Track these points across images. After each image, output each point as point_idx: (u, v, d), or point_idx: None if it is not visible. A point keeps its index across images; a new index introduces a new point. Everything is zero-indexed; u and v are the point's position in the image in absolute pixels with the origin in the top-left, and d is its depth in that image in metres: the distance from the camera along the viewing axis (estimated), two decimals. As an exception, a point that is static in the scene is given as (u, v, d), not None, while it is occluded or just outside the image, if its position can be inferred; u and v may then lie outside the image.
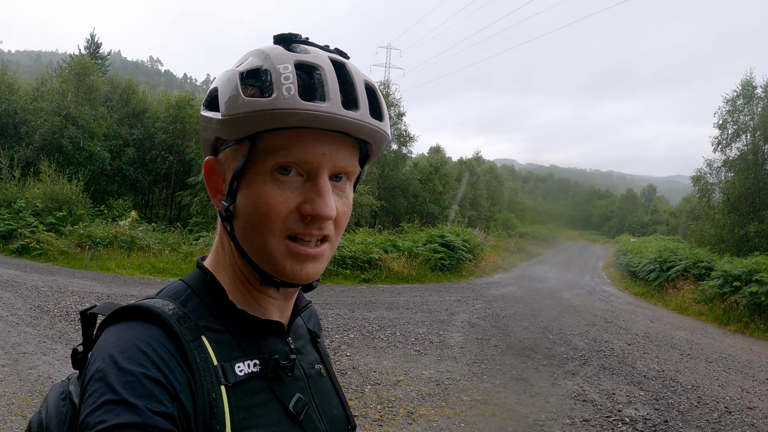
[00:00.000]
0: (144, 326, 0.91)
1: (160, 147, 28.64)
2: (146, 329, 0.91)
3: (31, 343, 8.01)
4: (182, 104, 28.26)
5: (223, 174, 1.01)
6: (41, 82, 28.18)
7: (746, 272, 16.19)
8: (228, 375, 0.93)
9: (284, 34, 1.00)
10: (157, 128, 28.41)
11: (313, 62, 0.95)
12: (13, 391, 6.24)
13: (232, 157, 0.98)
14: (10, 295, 10.80)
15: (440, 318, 12.16)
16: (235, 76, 0.95)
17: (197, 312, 0.99)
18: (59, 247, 16.79)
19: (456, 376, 8.14)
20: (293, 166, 0.95)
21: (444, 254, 20.65)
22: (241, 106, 0.92)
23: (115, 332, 0.91)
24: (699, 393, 8.36)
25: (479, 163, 61.79)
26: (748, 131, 28.78)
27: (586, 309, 15.44)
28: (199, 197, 24.36)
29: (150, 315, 0.93)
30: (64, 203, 20.05)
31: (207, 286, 1.04)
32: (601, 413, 7.13)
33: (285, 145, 0.93)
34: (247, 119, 0.92)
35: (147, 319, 0.93)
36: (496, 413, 6.81)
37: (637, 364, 9.73)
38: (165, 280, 14.76)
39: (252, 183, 0.96)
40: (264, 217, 0.95)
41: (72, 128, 24.69)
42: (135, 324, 0.92)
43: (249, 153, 0.95)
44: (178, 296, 1.02)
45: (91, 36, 40.81)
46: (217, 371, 0.92)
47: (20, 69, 54.90)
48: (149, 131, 28.49)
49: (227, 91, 0.95)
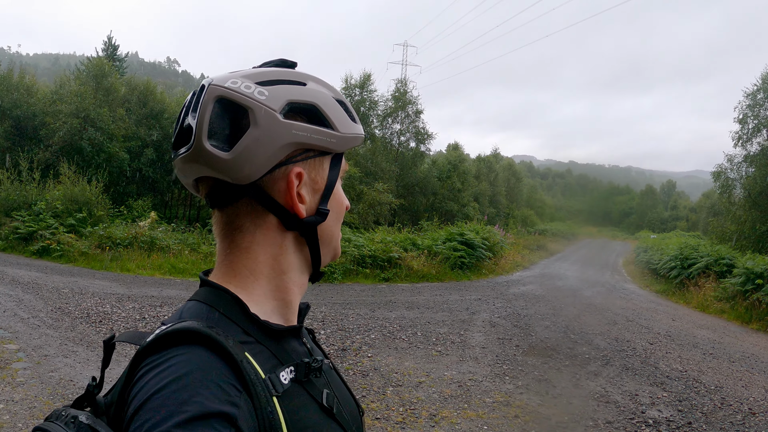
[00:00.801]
0: (194, 350, 0.87)
1: (179, 148, 28.68)
2: (198, 353, 0.87)
3: (52, 346, 8.06)
4: (201, 104, 28.37)
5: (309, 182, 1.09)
6: (59, 85, 28.36)
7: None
8: (276, 385, 0.93)
9: (288, 60, 1.16)
10: (176, 129, 28.54)
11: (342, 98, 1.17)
12: (35, 395, 6.26)
13: (319, 166, 1.09)
14: (31, 297, 10.91)
15: (461, 317, 12.10)
16: (331, 98, 1.11)
17: (228, 328, 0.96)
18: (79, 249, 16.92)
19: (478, 377, 8.09)
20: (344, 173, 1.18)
21: (464, 252, 20.55)
22: (351, 128, 1.12)
23: (162, 359, 0.86)
24: (722, 394, 8.25)
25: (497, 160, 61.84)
26: (769, 125, 28.49)
27: (607, 307, 15.32)
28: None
29: (198, 337, 0.89)
30: (84, 205, 20.19)
31: (227, 301, 1.02)
32: (624, 415, 7.05)
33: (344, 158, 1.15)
34: (356, 139, 1.13)
35: (195, 341, 0.89)
36: (519, 415, 6.75)
37: (660, 364, 9.63)
38: (185, 281, 14.85)
39: (338, 187, 1.14)
40: (341, 215, 1.17)
41: (91, 130, 24.87)
42: (184, 348, 0.88)
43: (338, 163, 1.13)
44: (204, 316, 0.98)
45: (109, 38, 41.01)
46: (266, 384, 0.91)
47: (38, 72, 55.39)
48: (168, 132, 28.63)
49: (335, 111, 1.09)
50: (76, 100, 25.37)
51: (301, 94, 1.05)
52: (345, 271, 17.25)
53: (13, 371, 6.93)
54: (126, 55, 45.01)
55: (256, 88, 1.01)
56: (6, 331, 8.58)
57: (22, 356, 7.48)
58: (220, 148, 0.98)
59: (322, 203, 1.08)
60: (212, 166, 1.00)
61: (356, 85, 35.79)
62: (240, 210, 1.05)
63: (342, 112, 1.10)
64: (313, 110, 1.06)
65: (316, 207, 1.08)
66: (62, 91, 27.24)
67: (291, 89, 1.05)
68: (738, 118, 29.69)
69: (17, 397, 6.13)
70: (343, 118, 1.10)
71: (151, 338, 0.90)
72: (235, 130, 0.99)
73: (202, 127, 0.98)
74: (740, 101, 29.86)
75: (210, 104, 0.99)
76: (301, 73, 1.12)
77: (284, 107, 1.02)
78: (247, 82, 1.02)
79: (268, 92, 1.01)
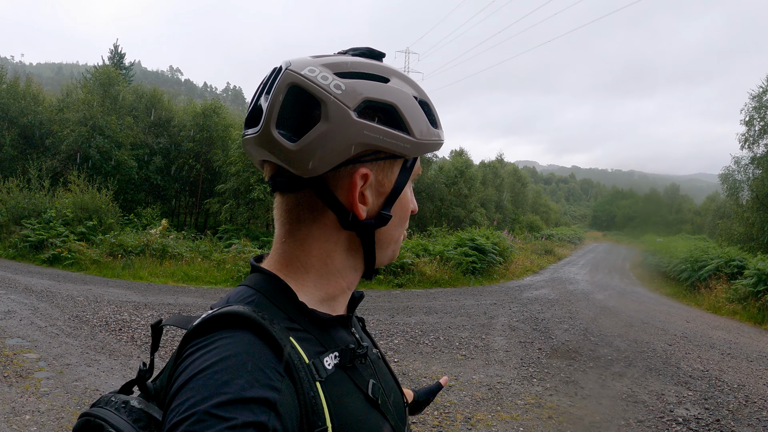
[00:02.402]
0: (238, 333, 0.88)
1: (186, 155, 28.88)
2: (241, 336, 0.87)
3: (73, 355, 7.99)
4: (208, 113, 28.48)
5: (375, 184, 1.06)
6: (66, 93, 28.59)
7: (780, 270, 16.02)
8: (320, 371, 0.94)
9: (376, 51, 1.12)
10: (183, 137, 28.64)
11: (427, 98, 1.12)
12: (61, 405, 6.18)
13: (388, 169, 1.06)
14: (46, 306, 10.87)
15: (480, 322, 12.08)
16: (413, 99, 1.05)
17: (274, 314, 0.97)
18: (91, 256, 16.95)
19: (506, 380, 8.07)
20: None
21: (475, 258, 20.53)
22: (430, 135, 1.07)
23: (206, 342, 0.87)
24: (745, 392, 8.26)
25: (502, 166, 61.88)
26: (776, 127, 28.50)
27: (621, 310, 15.30)
28: (228, 204, 24.50)
29: (242, 320, 0.90)
30: (94, 212, 20.27)
31: (276, 288, 1.02)
32: (654, 414, 7.05)
33: (417, 163, 1.12)
34: (432, 146, 1.08)
35: (239, 325, 0.89)
36: (552, 416, 6.73)
37: (681, 364, 9.61)
38: (199, 288, 14.83)
39: (405, 191, 1.10)
40: (405, 220, 1.13)
41: (99, 138, 24.94)
42: (228, 332, 0.88)
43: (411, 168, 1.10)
44: (251, 301, 0.99)
45: (115, 47, 41.24)
46: (310, 369, 0.92)
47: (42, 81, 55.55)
48: (175, 140, 28.74)
49: (415, 114, 1.05)
50: (84, 108, 25.53)
51: (381, 92, 1.01)
52: (358, 277, 17.23)
53: (36, 381, 6.84)
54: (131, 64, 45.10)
55: (333, 80, 0.98)
56: (24, 340, 8.50)
57: (44, 365, 7.40)
58: (287, 138, 0.96)
59: (385, 207, 1.06)
60: (277, 153, 0.99)
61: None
62: (301, 200, 1.04)
63: (422, 116, 1.05)
64: (391, 111, 1.01)
65: (378, 210, 1.05)
66: (69, 99, 27.46)
67: (370, 85, 1.01)
68: (744, 120, 29.73)
69: (43, 408, 6.05)
70: (422, 121, 1.05)
71: (198, 321, 0.92)
72: (305, 120, 0.97)
73: (272, 113, 0.97)
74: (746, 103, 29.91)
75: (283, 90, 0.97)
76: (386, 67, 1.07)
77: (360, 104, 0.98)
78: (325, 71, 0.98)
79: (345, 86, 0.98)
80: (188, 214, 31.97)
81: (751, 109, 29.62)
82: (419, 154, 1.07)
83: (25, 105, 26.18)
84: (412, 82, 1.09)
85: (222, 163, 26.35)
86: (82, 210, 20.15)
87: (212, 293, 14.15)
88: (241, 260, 17.16)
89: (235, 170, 24.67)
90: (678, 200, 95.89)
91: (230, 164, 25.36)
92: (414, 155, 1.06)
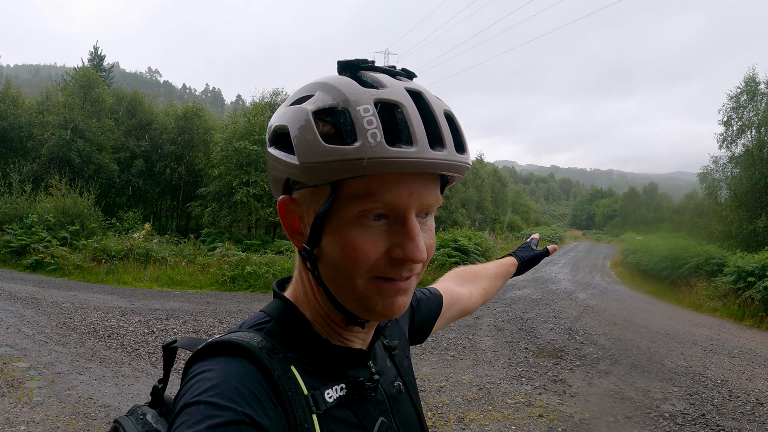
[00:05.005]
0: (234, 361, 0.90)
1: (168, 158, 28.72)
2: (237, 364, 0.89)
3: (64, 363, 7.91)
4: (190, 115, 28.35)
5: (301, 214, 0.97)
6: (46, 96, 28.19)
7: (759, 267, 16.23)
8: (318, 403, 0.93)
9: (349, 60, 0.96)
10: (165, 139, 28.47)
11: (393, 100, 0.88)
12: (55, 414, 6.10)
13: (311, 199, 0.94)
14: (33, 313, 10.77)
15: (466, 322, 12.13)
16: (307, 115, 0.89)
17: (283, 343, 0.98)
18: (74, 262, 16.82)
19: (496, 380, 8.15)
20: (380, 210, 0.90)
21: (458, 258, 20.59)
22: (323, 154, 0.86)
23: (205, 368, 0.89)
24: (729, 387, 8.42)
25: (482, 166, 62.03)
26: (753, 127, 28.88)
27: (604, 309, 15.45)
28: (210, 208, 24.38)
29: (240, 350, 0.91)
30: (76, 217, 20.10)
31: (290, 317, 1.03)
32: (641, 410, 7.17)
33: (370, 191, 0.88)
34: (330, 168, 0.86)
35: (237, 353, 0.91)
36: (543, 415, 6.82)
37: (665, 361, 9.76)
38: (185, 293, 14.78)
39: (338, 228, 0.91)
40: (353, 262, 0.91)
41: (80, 141, 24.73)
42: (225, 359, 0.91)
43: (332, 198, 0.90)
44: (262, 327, 1.00)
45: (95, 48, 40.65)
46: (308, 400, 0.92)
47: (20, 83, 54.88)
48: (156, 143, 28.56)
49: (301, 133, 0.89)
50: (64, 111, 25.25)
51: (282, 116, 0.96)
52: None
53: (28, 390, 6.73)
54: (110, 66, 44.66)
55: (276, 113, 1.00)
56: (13, 349, 8.38)
57: (35, 374, 7.31)
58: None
59: (309, 242, 0.95)
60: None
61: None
62: None
63: (312, 133, 0.87)
64: (285, 134, 0.93)
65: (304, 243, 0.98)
66: (49, 102, 27.08)
67: (282, 111, 0.97)
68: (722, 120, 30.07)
69: (38, 418, 5.97)
70: (312, 141, 0.87)
71: (201, 346, 0.94)
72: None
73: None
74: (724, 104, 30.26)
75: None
76: (319, 82, 0.95)
77: (272, 134, 0.99)
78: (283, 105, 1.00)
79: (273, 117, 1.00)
80: (170, 218, 31.79)
81: (729, 109, 29.98)
82: (316, 179, 0.89)
83: (4, 108, 25.90)
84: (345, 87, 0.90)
85: (204, 165, 26.25)
86: (64, 215, 19.97)
87: (198, 297, 14.11)
88: (225, 264, 17.12)
89: (217, 173, 24.57)
90: (656, 198, 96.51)
91: (212, 167, 25.26)
92: (308, 181, 0.91)
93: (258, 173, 23.94)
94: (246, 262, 17.14)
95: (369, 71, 0.95)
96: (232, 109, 46.14)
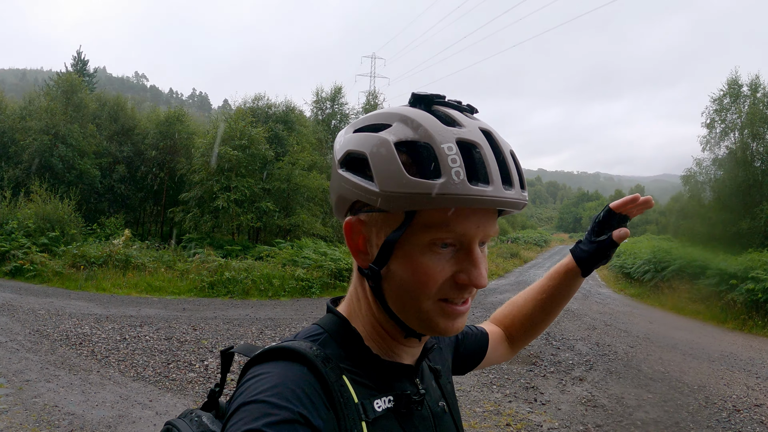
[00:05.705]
0: (291, 366, 0.94)
1: (150, 163, 28.62)
2: (294, 369, 0.94)
3: (33, 370, 7.86)
4: (172, 120, 28.24)
5: (368, 235, 1.01)
6: (29, 101, 28.10)
7: (741, 270, 16.27)
8: (368, 411, 0.97)
9: (424, 94, 1.02)
10: (147, 145, 28.37)
11: (472, 140, 0.94)
12: (20, 422, 6.08)
13: (383, 223, 0.98)
14: (7, 320, 10.71)
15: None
16: (389, 145, 0.93)
17: (336, 354, 1.02)
18: (53, 268, 16.71)
19: (466, 388, 8.12)
20: (450, 240, 0.96)
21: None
22: (406, 186, 0.90)
23: (263, 371, 0.93)
24: (706, 393, 8.40)
25: (468, 170, 62.16)
26: (736, 129, 28.98)
27: (585, 313, 15.46)
28: (192, 213, 24.29)
29: (297, 355, 0.96)
30: (57, 223, 20.00)
31: (343, 331, 1.07)
32: (613, 418, 7.13)
33: (444, 222, 0.93)
34: (412, 198, 0.91)
35: (293, 359, 0.96)
36: (510, 423, 6.77)
37: (642, 366, 9.76)
38: (162, 299, 14.71)
39: (409, 253, 0.96)
40: (422, 285, 0.96)
41: (61, 147, 24.62)
42: (282, 363, 0.95)
43: (406, 225, 0.95)
44: (316, 339, 1.05)
45: (78, 53, 40.60)
46: (358, 408, 0.96)
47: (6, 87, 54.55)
48: (139, 148, 28.47)
49: (384, 163, 0.93)
50: (46, 117, 25.16)
51: (360, 142, 0.99)
52: (323, 285, 17.25)
53: (-6, 398, 6.71)
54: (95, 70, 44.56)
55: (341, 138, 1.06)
56: (-16, 357, 8.34)
57: (3, 382, 7.28)
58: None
59: (376, 262, 0.99)
60: None
61: (327, 99, 35.37)
62: None
63: (395, 164, 0.91)
64: (363, 160, 0.97)
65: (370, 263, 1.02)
66: (31, 107, 26.99)
67: (360, 137, 1.00)
68: (706, 123, 30.14)
69: (1, 426, 5.97)
70: (392, 170, 0.91)
71: (259, 351, 0.99)
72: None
73: None
74: (707, 106, 30.33)
75: None
76: (396, 113, 1.00)
77: (344, 157, 1.02)
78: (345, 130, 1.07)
79: (343, 141, 1.04)
80: (153, 223, 31.68)
81: (712, 112, 30.06)
82: (395, 207, 0.93)
83: (-13, 113, 25.73)
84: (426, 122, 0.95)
85: (186, 171, 26.15)
86: (45, 221, 19.87)
87: (175, 304, 14.04)
88: (205, 270, 17.06)
89: (198, 178, 24.53)
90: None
91: (194, 172, 25.21)
92: (387, 207, 0.94)
93: (239, 179, 23.88)
94: (225, 267, 17.09)
95: (440, 105, 1.01)
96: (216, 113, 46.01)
